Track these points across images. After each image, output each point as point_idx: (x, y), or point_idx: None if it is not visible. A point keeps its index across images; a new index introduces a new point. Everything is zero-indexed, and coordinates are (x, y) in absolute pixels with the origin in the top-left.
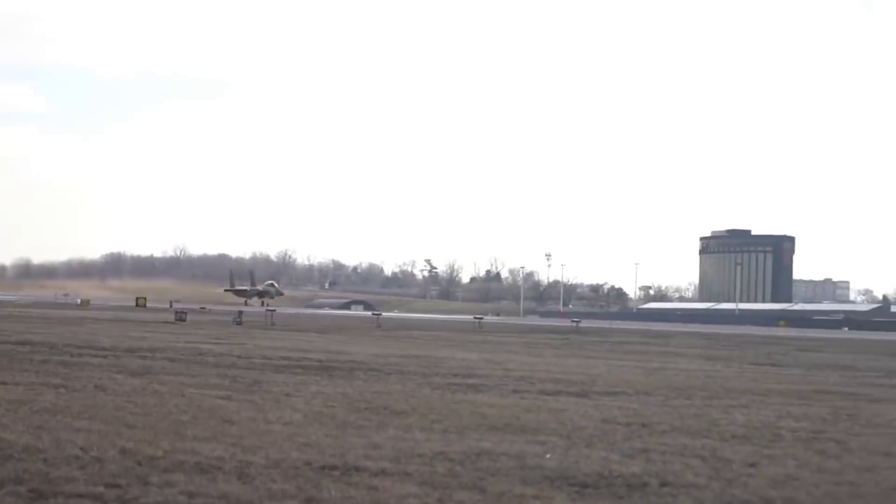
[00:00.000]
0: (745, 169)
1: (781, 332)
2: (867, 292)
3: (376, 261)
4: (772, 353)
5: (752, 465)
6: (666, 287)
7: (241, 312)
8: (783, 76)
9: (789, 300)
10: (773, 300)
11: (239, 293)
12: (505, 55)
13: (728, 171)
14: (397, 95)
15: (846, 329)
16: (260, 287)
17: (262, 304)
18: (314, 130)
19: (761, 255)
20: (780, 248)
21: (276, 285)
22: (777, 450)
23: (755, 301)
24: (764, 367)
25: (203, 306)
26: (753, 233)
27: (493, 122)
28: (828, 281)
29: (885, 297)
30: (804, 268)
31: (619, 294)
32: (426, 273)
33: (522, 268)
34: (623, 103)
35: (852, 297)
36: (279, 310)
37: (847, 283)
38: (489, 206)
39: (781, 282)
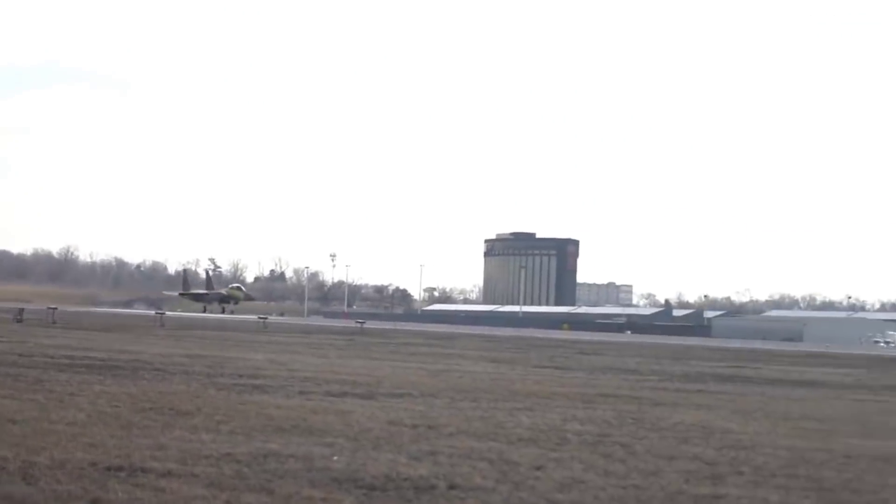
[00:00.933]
0: (530, 172)
1: (565, 334)
2: (650, 296)
3: (160, 259)
4: (556, 356)
5: (539, 468)
6: (450, 289)
7: (21, 310)
8: (562, 82)
9: (573, 303)
10: (557, 303)
11: (196, 298)
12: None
13: (513, 174)
14: (190, 94)
15: (629, 332)
16: (224, 291)
17: (223, 310)
18: (99, 123)
19: (545, 258)
20: (565, 251)
21: (244, 288)
22: (563, 453)
23: (539, 304)
24: (548, 370)
25: None
26: (538, 236)
27: (278, 122)
28: (611, 284)
29: (667, 301)
30: (588, 271)
31: (403, 295)
32: (210, 272)
33: (307, 268)
34: (410, 105)
35: (635, 300)
36: (60, 308)
37: (630, 286)
38: (273, 205)
39: (565, 285)
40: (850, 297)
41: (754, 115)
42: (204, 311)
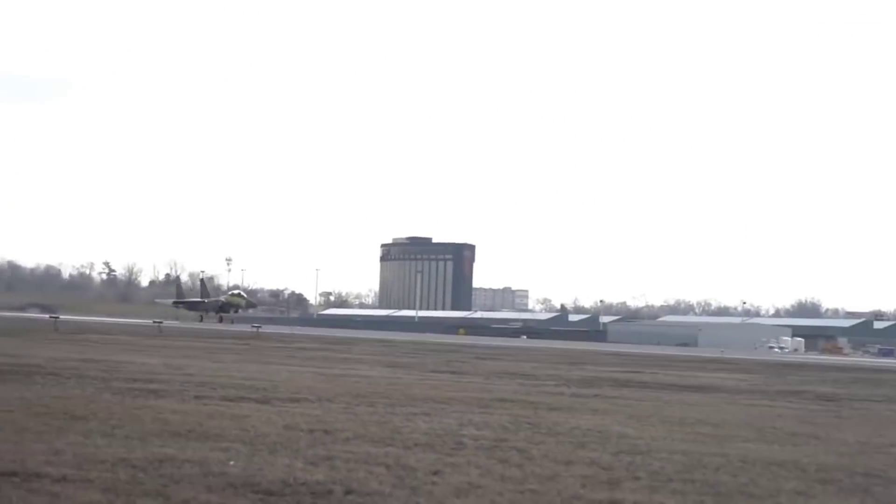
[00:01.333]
0: (427, 177)
1: (461, 339)
2: (546, 301)
3: (54, 262)
4: (452, 360)
5: (436, 473)
6: (346, 293)
7: None
8: (458, 88)
9: (469, 308)
10: (454, 308)
11: (191, 307)
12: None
13: (409, 179)
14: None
15: (525, 337)
16: (222, 298)
17: (221, 320)
18: None
19: (442, 263)
20: (461, 256)
21: (245, 294)
22: (460, 458)
23: (436, 308)
24: (445, 375)
25: None
26: (434, 240)
27: (172, 124)
28: (507, 289)
29: (563, 305)
30: (484, 276)
31: (299, 299)
32: (105, 276)
33: (202, 272)
34: (306, 109)
35: (531, 305)
36: None
37: (526, 291)
38: (168, 208)
39: (462, 289)
40: (744, 303)
41: (643, 118)
42: (200, 321)
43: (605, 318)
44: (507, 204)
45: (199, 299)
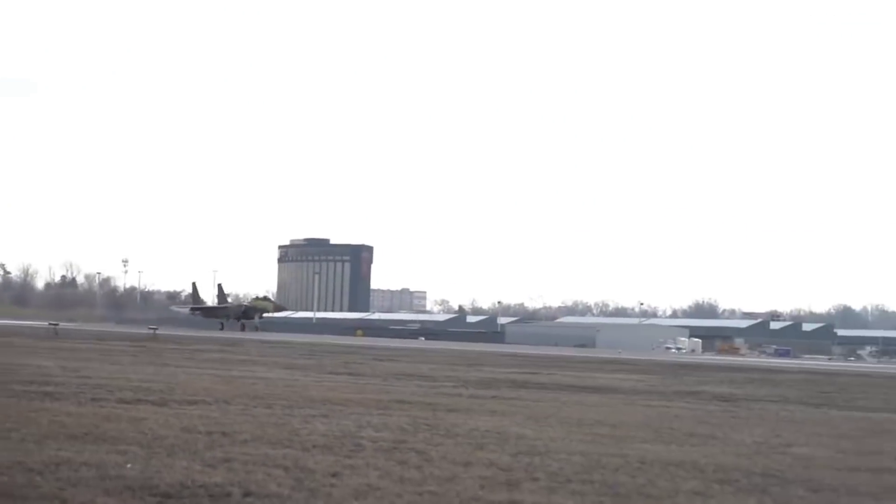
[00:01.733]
0: (325, 178)
1: (359, 341)
2: (444, 302)
3: None
4: (350, 362)
5: (335, 475)
6: (244, 295)
7: None
8: (354, 90)
9: (367, 309)
10: (351, 309)
11: (209, 313)
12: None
13: (307, 179)
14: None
15: (422, 339)
16: (246, 303)
17: (243, 327)
18: None
19: (339, 264)
20: (359, 257)
21: (272, 298)
22: (358, 460)
23: (333, 310)
24: (342, 377)
25: None
26: (332, 242)
27: (66, 124)
28: (405, 291)
29: (461, 307)
30: (382, 277)
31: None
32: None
33: (99, 273)
34: (201, 108)
35: (429, 306)
36: None
37: (424, 292)
38: (64, 208)
39: (359, 291)
40: (642, 304)
41: (539, 115)
42: (221, 329)
43: (502, 320)
44: (405, 205)
45: (218, 305)
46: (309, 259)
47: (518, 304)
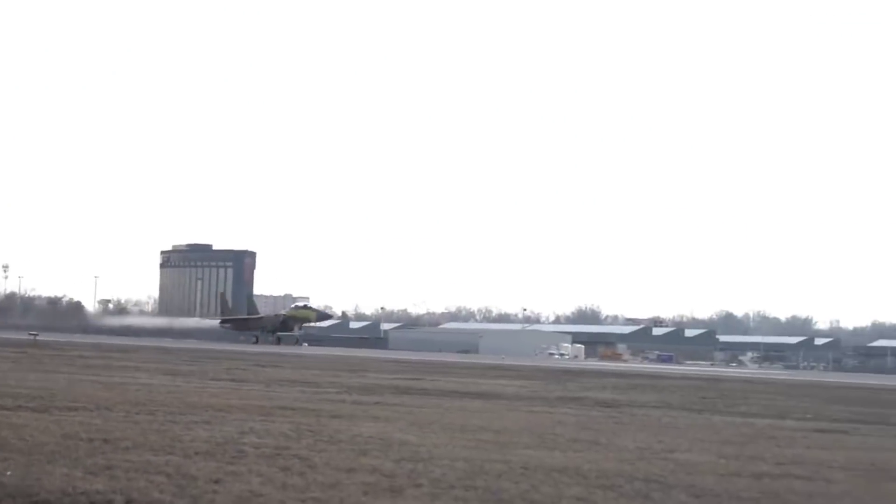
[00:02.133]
0: (207, 183)
1: (242, 347)
2: (327, 308)
3: None
4: (232, 368)
5: (217, 481)
6: (126, 301)
7: None
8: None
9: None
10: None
11: (242, 326)
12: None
13: (189, 184)
14: None
15: (306, 345)
16: (283, 312)
17: (279, 340)
18: None
19: (222, 270)
20: (241, 263)
21: (312, 306)
22: (241, 466)
23: (216, 316)
24: (225, 383)
25: None
26: (215, 247)
27: None
28: (288, 296)
29: (344, 313)
30: (265, 283)
31: (77, 307)
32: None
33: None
34: (81, 111)
35: None
36: None
37: (307, 298)
38: None
39: (242, 297)
40: (525, 310)
41: (412, 120)
42: (256, 342)
43: (385, 326)
44: (288, 210)
45: (251, 316)
46: (191, 265)
47: (401, 310)
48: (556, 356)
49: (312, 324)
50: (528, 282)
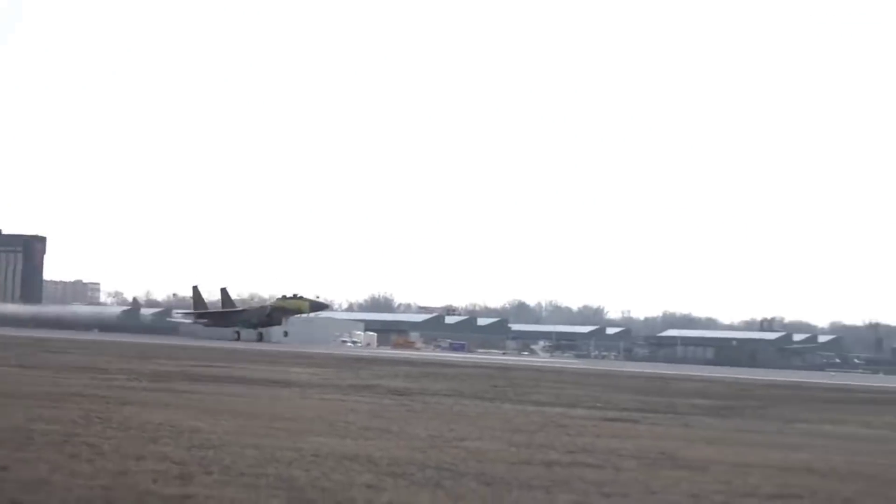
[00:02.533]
0: None
1: (33, 333)
2: (118, 294)
3: None
4: (21, 354)
5: (3, 468)
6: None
7: None
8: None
9: (40, 301)
10: (24, 302)
11: (219, 320)
12: None
13: None
14: None
15: (97, 330)
16: (269, 304)
17: (260, 337)
18: None
19: (12, 255)
20: (32, 248)
21: (307, 296)
22: (28, 453)
23: (5, 302)
24: (13, 369)
25: None
26: (4, 232)
27: None
28: (79, 282)
29: (135, 299)
30: (56, 269)
31: None
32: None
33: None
34: None
35: (103, 298)
36: None
37: (98, 284)
38: None
39: (33, 283)
40: (318, 297)
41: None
42: (237, 339)
43: (178, 312)
44: (78, 195)
45: (230, 309)
46: None
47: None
48: (349, 344)
49: (306, 314)
50: (322, 268)
